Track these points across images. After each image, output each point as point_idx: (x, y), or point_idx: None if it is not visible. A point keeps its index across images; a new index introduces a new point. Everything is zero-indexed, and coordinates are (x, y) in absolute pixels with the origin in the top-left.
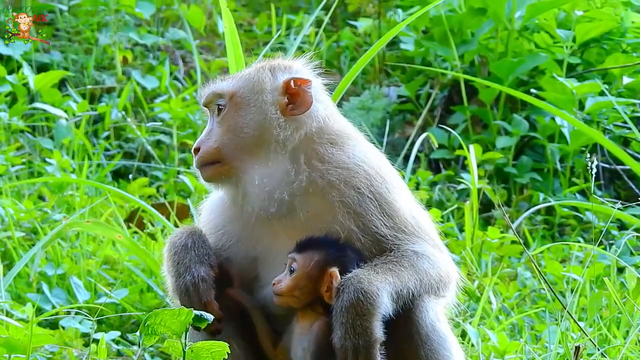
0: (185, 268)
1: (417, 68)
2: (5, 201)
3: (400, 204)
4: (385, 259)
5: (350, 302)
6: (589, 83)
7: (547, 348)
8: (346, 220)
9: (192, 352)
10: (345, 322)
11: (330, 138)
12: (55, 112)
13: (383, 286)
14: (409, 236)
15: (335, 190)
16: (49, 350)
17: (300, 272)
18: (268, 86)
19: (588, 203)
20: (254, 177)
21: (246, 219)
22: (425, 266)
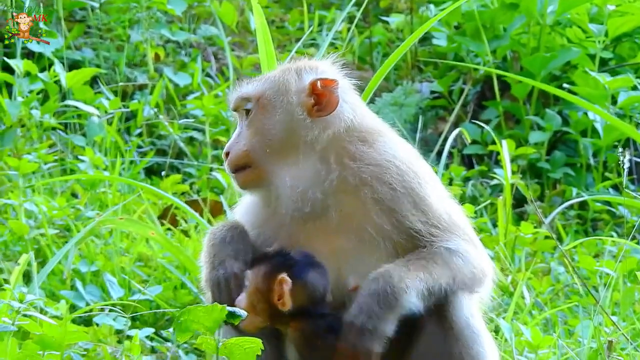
0: (220, 262)
1: (450, 64)
2: (38, 199)
3: (433, 199)
4: (419, 255)
5: (377, 292)
6: (621, 77)
7: (580, 343)
8: (380, 217)
9: (226, 349)
10: (364, 305)
11: (360, 136)
12: (87, 109)
13: (413, 284)
14: (443, 232)
15: (368, 187)
16: (83, 347)
17: (251, 287)
18: (293, 87)
19: (621, 197)
20: (285, 178)
21: (280, 220)
22: (458, 263)
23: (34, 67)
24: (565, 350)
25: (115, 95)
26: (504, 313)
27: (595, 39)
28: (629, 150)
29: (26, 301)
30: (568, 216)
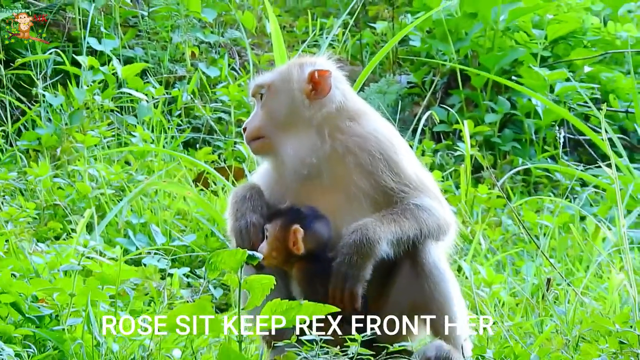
0: (242, 214)
1: (423, 60)
2: (99, 165)
3: (405, 164)
4: (392, 211)
5: (355, 242)
6: (557, 71)
7: (525, 280)
8: (361, 179)
9: (247, 284)
10: (346, 254)
11: (348, 115)
12: (138, 95)
13: (385, 235)
14: (412, 190)
15: (352, 155)
16: (134, 282)
17: (271, 237)
18: (296, 77)
19: (557, 166)
20: (288, 148)
21: (286, 182)
22: (424, 216)
23: (96, 62)
24: (513, 285)
25: (160, 85)
26: (464, 256)
27: (537, 41)
28: (563, 128)
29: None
30: (515, 180)
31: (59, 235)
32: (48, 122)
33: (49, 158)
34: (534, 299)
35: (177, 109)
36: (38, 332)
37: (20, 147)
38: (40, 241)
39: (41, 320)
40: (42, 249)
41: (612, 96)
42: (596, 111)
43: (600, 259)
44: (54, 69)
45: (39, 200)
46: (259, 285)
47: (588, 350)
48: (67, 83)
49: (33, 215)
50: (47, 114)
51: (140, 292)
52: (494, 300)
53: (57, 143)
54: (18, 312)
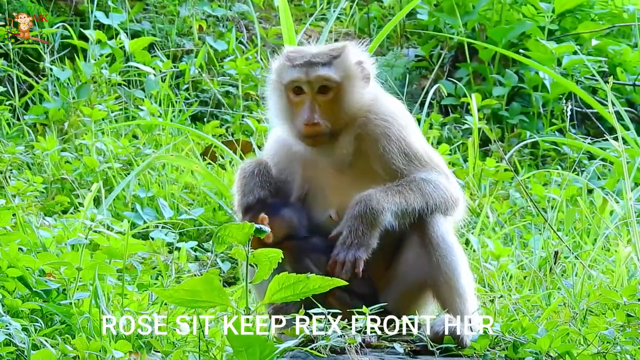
0: (250, 190)
1: (430, 34)
2: (107, 139)
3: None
4: (397, 183)
5: (359, 213)
6: (565, 45)
7: (533, 253)
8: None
9: (254, 257)
10: (351, 226)
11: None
12: (146, 69)
13: (389, 206)
14: (420, 166)
15: (377, 142)
16: (141, 256)
17: None
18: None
19: (564, 139)
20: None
21: (305, 160)
22: (429, 189)
23: (103, 36)
24: (520, 258)
25: (167, 58)
26: (472, 229)
27: (544, 14)
28: (571, 101)
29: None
30: (523, 153)
31: (66, 209)
32: (55, 96)
33: (56, 132)
34: (541, 272)
35: (184, 83)
36: (45, 306)
37: (28, 121)
38: (47, 215)
39: (48, 295)
40: (49, 223)
41: (619, 69)
42: (603, 84)
43: (607, 232)
44: (62, 43)
45: (47, 174)
46: (266, 259)
47: (595, 323)
48: (75, 57)
49: (40, 190)
50: (55, 88)
51: (148, 266)
52: (501, 273)
53: (64, 117)
54: (25, 286)
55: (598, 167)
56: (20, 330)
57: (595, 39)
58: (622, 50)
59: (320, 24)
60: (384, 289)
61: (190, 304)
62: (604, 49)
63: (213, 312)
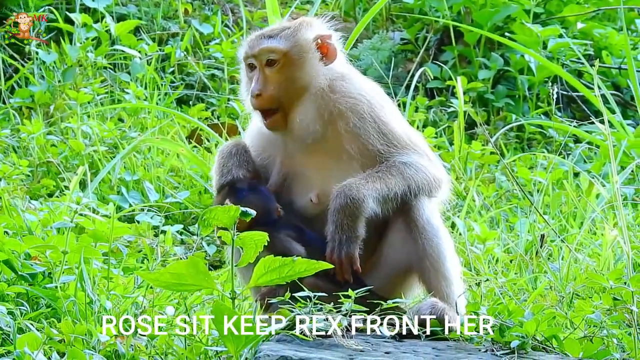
0: (228, 170)
1: (416, 17)
2: (92, 122)
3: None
4: (377, 169)
5: (341, 205)
6: (550, 28)
7: (519, 236)
8: (350, 144)
9: (240, 240)
10: (335, 221)
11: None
12: (131, 52)
13: (369, 193)
14: (400, 149)
15: (343, 119)
16: (127, 239)
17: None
18: (310, 45)
19: (550, 122)
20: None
21: (282, 144)
22: (411, 172)
23: (89, 19)
24: (507, 242)
25: (153, 42)
26: (458, 213)
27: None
28: (557, 84)
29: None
30: (509, 136)
31: (52, 192)
32: (41, 80)
33: (42, 115)
34: (527, 256)
35: (170, 66)
36: (31, 290)
37: (14, 104)
38: (33, 198)
39: (34, 278)
40: (35, 206)
41: (605, 52)
42: (589, 67)
43: (593, 216)
44: (47, 26)
45: (32, 158)
46: (251, 242)
47: (582, 306)
48: (60, 40)
49: (26, 173)
50: (40, 72)
51: (134, 250)
52: (487, 256)
53: (50, 100)
54: (11, 270)
55: (584, 150)
56: (6, 314)
57: (581, 22)
58: (608, 33)
59: (306, 7)
60: (369, 273)
61: (176, 287)
62: (589, 32)
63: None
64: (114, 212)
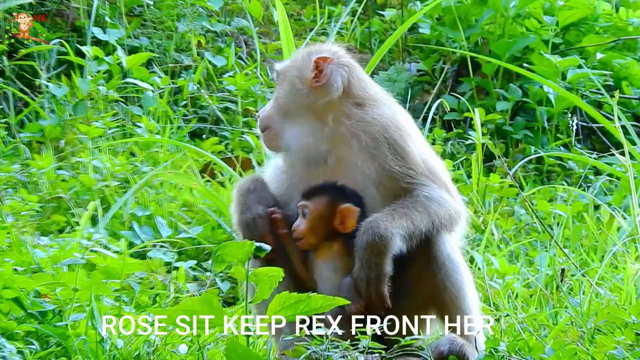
0: (247, 207)
1: (433, 48)
2: (104, 157)
3: (412, 148)
4: (402, 204)
5: (368, 242)
6: (569, 58)
7: (539, 270)
8: (365, 163)
9: (255, 276)
10: (362, 258)
11: (355, 101)
12: (144, 85)
13: (397, 231)
14: (418, 175)
15: (356, 138)
16: (139, 276)
17: (313, 215)
18: (300, 65)
19: (570, 154)
20: (291, 136)
21: (294, 168)
22: (435, 207)
23: (101, 52)
24: (526, 276)
25: (165, 74)
26: (477, 247)
27: (548, 27)
28: (576, 116)
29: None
30: (528, 169)
31: (62, 228)
32: (52, 114)
33: (52, 150)
34: (548, 290)
35: (183, 99)
36: (41, 328)
37: (23, 139)
38: (43, 235)
39: (44, 316)
40: (45, 242)
41: (624, 83)
42: (609, 98)
43: (615, 249)
44: (58, 59)
45: (42, 193)
46: (266, 278)
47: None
48: (71, 74)
49: (36, 209)
50: (51, 105)
51: (146, 286)
52: (507, 291)
53: (60, 135)
54: (20, 308)
55: (604, 182)
56: (15, 353)
57: (600, 53)
58: (628, 63)
59: (321, 39)
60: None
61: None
62: (609, 62)
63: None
64: (125, 249)
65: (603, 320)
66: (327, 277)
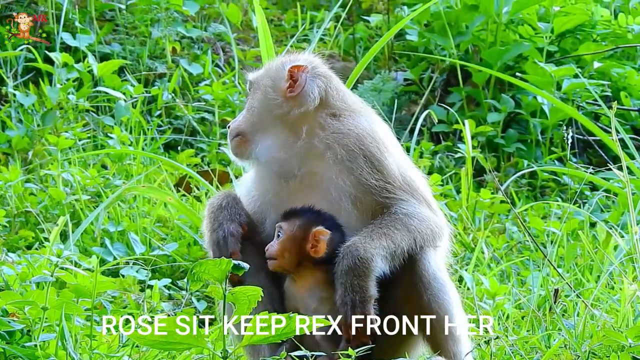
0: (219, 224)
1: (420, 56)
2: (74, 169)
3: (389, 161)
4: (380, 224)
5: (349, 267)
6: (565, 67)
7: (531, 290)
8: (340, 176)
9: (232, 295)
10: (345, 283)
11: (331, 112)
12: (115, 94)
13: (377, 252)
14: (396, 189)
15: (331, 150)
16: (111, 295)
17: (286, 236)
18: (273, 74)
19: (565, 168)
20: (262, 146)
21: (264, 183)
22: (415, 224)
23: (70, 59)
24: (518, 297)
25: (138, 83)
26: (466, 266)
27: (542, 34)
28: (572, 128)
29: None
30: (520, 184)
31: (30, 244)
32: (19, 124)
33: (19, 162)
34: (540, 312)
35: (157, 109)
36: (8, 349)
37: None
38: (10, 251)
39: (12, 336)
40: (12, 259)
41: (623, 93)
42: (607, 110)
43: (611, 269)
44: (25, 66)
45: (10, 207)
46: (245, 297)
47: None
48: (40, 81)
49: (3, 223)
50: (18, 115)
51: (118, 305)
52: (497, 312)
53: (28, 146)
54: None
55: (601, 198)
56: None
57: (598, 61)
58: (627, 73)
59: (303, 46)
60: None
61: (164, 346)
62: (607, 71)
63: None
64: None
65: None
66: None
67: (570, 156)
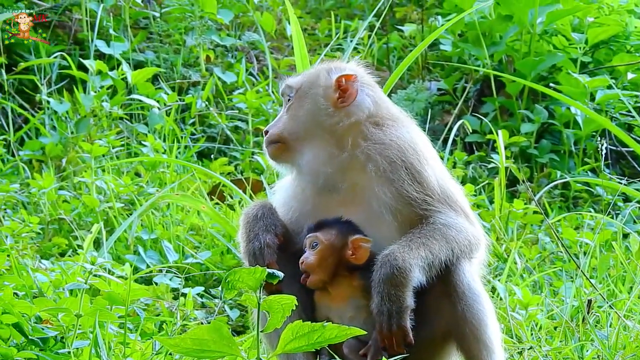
0: (255, 235)
1: (454, 65)
2: (107, 177)
3: (429, 173)
4: (419, 233)
5: (387, 276)
6: (598, 78)
7: (564, 301)
8: (381, 188)
9: (266, 304)
10: (382, 292)
11: (374, 121)
12: (149, 102)
13: (415, 262)
14: (436, 202)
15: (372, 162)
16: (144, 302)
17: (324, 245)
18: (322, 83)
19: (598, 179)
20: (305, 156)
21: (304, 194)
22: (453, 235)
23: (104, 66)
24: (551, 307)
25: (172, 91)
26: (499, 276)
27: (576, 45)
28: (605, 139)
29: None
30: (553, 195)
31: (64, 251)
32: (53, 131)
33: (53, 169)
34: (573, 322)
35: (190, 117)
36: (42, 356)
37: (23, 157)
38: (44, 258)
39: (45, 343)
40: (46, 266)
41: None
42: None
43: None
44: (59, 73)
45: (43, 214)
46: (279, 306)
47: None
48: (74, 89)
49: (36, 230)
50: (52, 122)
51: (152, 313)
52: (530, 323)
53: (62, 153)
54: (21, 334)
55: (634, 209)
56: None
57: (632, 72)
58: None
59: (337, 55)
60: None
61: (197, 354)
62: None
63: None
64: (130, 273)
65: (631, 354)
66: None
67: (604, 167)
